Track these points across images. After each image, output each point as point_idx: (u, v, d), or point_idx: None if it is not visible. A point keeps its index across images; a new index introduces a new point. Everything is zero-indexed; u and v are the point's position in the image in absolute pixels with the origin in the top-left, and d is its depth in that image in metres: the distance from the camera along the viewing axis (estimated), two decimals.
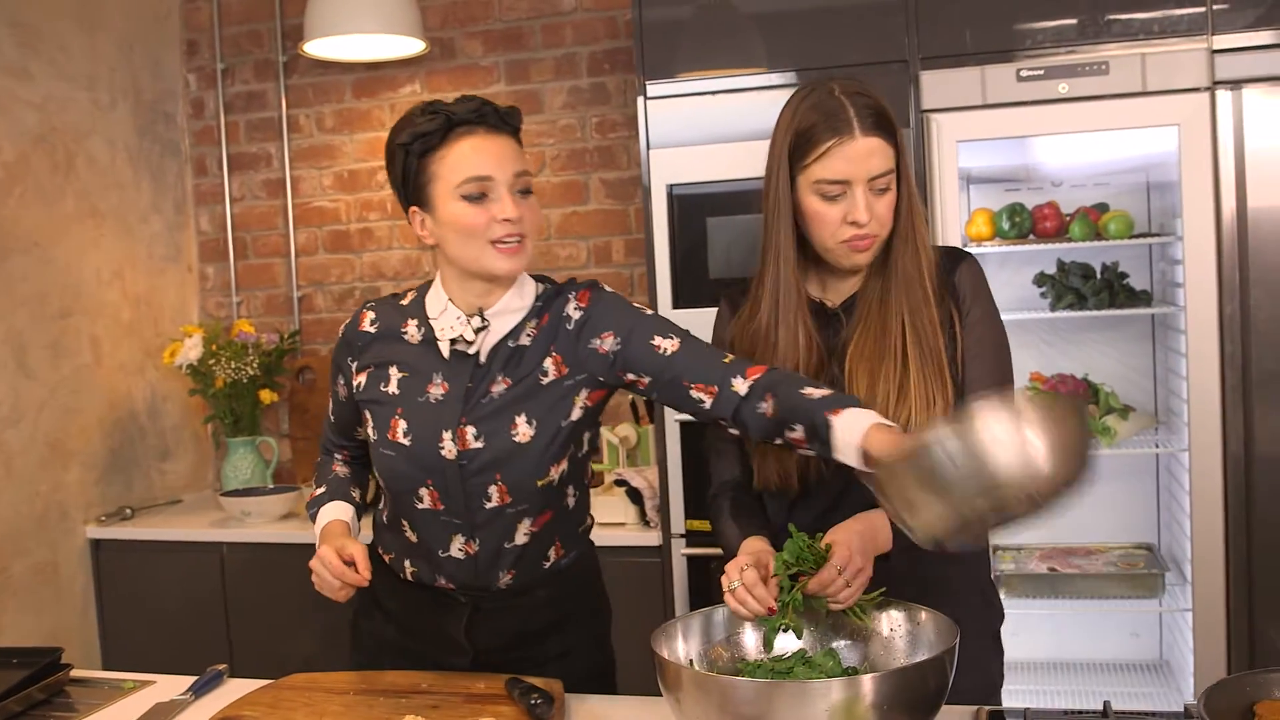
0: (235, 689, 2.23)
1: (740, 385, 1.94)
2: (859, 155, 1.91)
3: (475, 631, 2.17)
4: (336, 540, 2.07)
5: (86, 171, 4.16)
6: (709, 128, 3.33)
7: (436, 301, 2.11)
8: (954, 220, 3.18)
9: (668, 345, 2.03)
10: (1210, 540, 3.11)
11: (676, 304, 3.34)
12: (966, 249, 3.23)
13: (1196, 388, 3.10)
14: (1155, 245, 3.52)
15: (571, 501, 2.17)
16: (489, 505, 2.07)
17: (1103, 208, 3.46)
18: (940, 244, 3.12)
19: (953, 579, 2.02)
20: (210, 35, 4.64)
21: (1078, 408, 1.56)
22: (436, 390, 2.08)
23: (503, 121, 2.03)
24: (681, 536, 3.40)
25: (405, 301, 2.18)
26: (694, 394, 1.99)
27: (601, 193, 4.24)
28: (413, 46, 4.06)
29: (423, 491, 2.09)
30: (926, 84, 3.19)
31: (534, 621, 2.19)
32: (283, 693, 2.11)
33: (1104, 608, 3.42)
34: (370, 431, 2.14)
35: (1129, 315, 3.47)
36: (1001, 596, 3.32)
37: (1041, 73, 3.13)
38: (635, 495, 3.56)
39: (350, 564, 2.01)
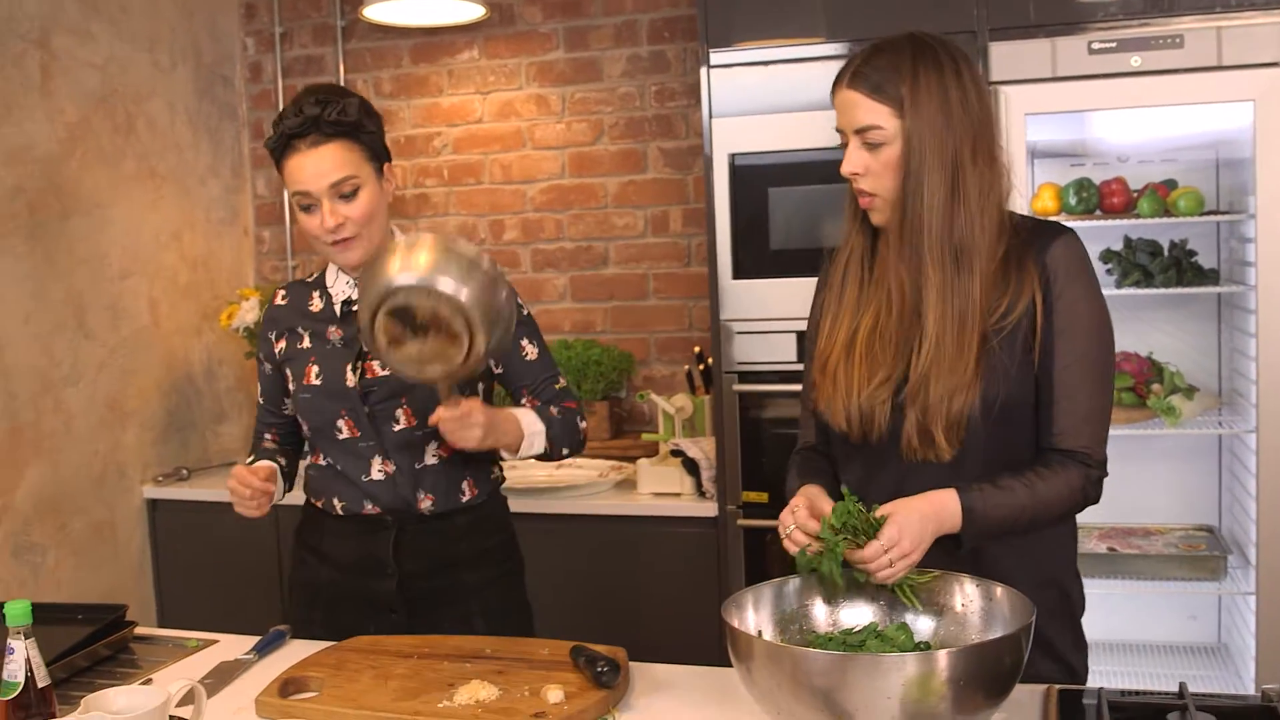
0: (297, 650, 2.24)
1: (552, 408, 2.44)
2: (842, 106, 1.94)
3: (401, 553, 2.40)
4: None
5: (146, 133, 4.18)
6: (772, 97, 3.30)
7: (332, 273, 2.46)
8: (1021, 194, 3.12)
9: (529, 350, 2.47)
10: (1276, 523, 3.06)
11: (737, 274, 3.31)
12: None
13: (1266, 368, 3.04)
14: (1224, 223, 3.46)
15: None
16: (397, 428, 2.38)
17: (1171, 184, 3.40)
18: (1032, 217, 3.08)
19: (1016, 570, 1.95)
20: None
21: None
22: (335, 336, 2.41)
23: (333, 127, 2.25)
24: (739, 508, 3.39)
25: (309, 280, 2.52)
26: (523, 400, 2.48)
27: (660, 162, 4.22)
28: (472, 12, 4.04)
29: (340, 423, 2.39)
30: (995, 55, 3.14)
31: (454, 550, 2.43)
32: (346, 654, 2.12)
33: (1163, 589, 3.37)
34: (290, 385, 2.45)
35: (1195, 294, 3.42)
36: None
37: (1114, 45, 3.07)
38: (691, 466, 3.55)
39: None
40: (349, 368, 2.37)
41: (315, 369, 2.40)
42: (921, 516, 1.80)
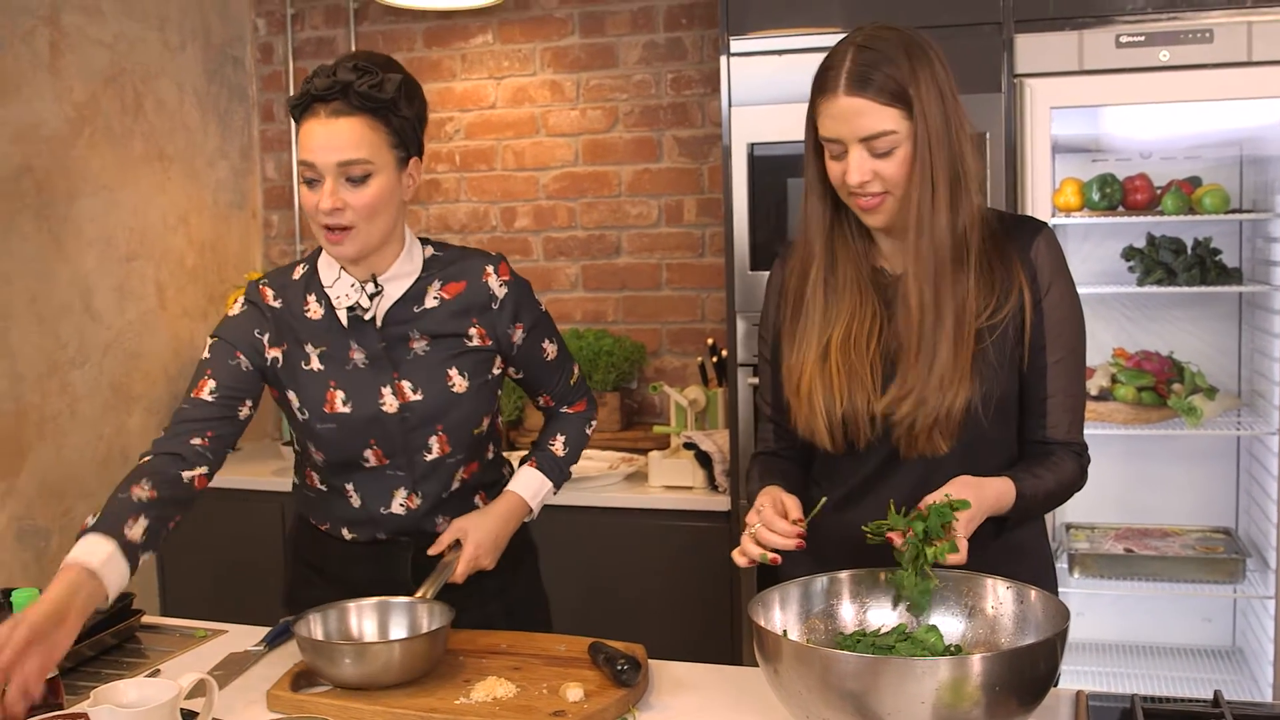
0: None
1: (558, 409, 2.37)
2: (844, 115, 1.82)
3: (419, 573, 2.18)
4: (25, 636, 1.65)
5: (155, 114, 4.13)
6: (792, 86, 3.24)
7: (329, 270, 2.14)
8: (1044, 189, 3.09)
9: (550, 350, 2.29)
10: None
11: (754, 266, 3.27)
12: (1054, 218, 3.18)
13: None
14: (1248, 222, 3.42)
15: (490, 454, 2.32)
16: (429, 457, 2.17)
17: (1195, 181, 3.36)
18: (1008, 212, 3.04)
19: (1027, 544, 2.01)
20: None
21: None
22: (359, 356, 2.13)
23: (360, 100, 1.99)
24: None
25: (297, 276, 2.18)
26: (540, 400, 2.36)
27: (675, 150, 4.17)
28: None
29: (367, 452, 2.15)
30: (1020, 47, 3.09)
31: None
32: None
33: (1179, 591, 3.33)
34: (298, 413, 2.15)
35: (1217, 293, 3.38)
36: (1075, 576, 3.29)
37: (1142, 39, 3.03)
38: (704, 459, 3.51)
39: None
40: (386, 390, 2.13)
41: (341, 395, 2.12)
42: (989, 507, 1.81)
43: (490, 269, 2.18)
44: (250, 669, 2.09)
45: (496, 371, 2.23)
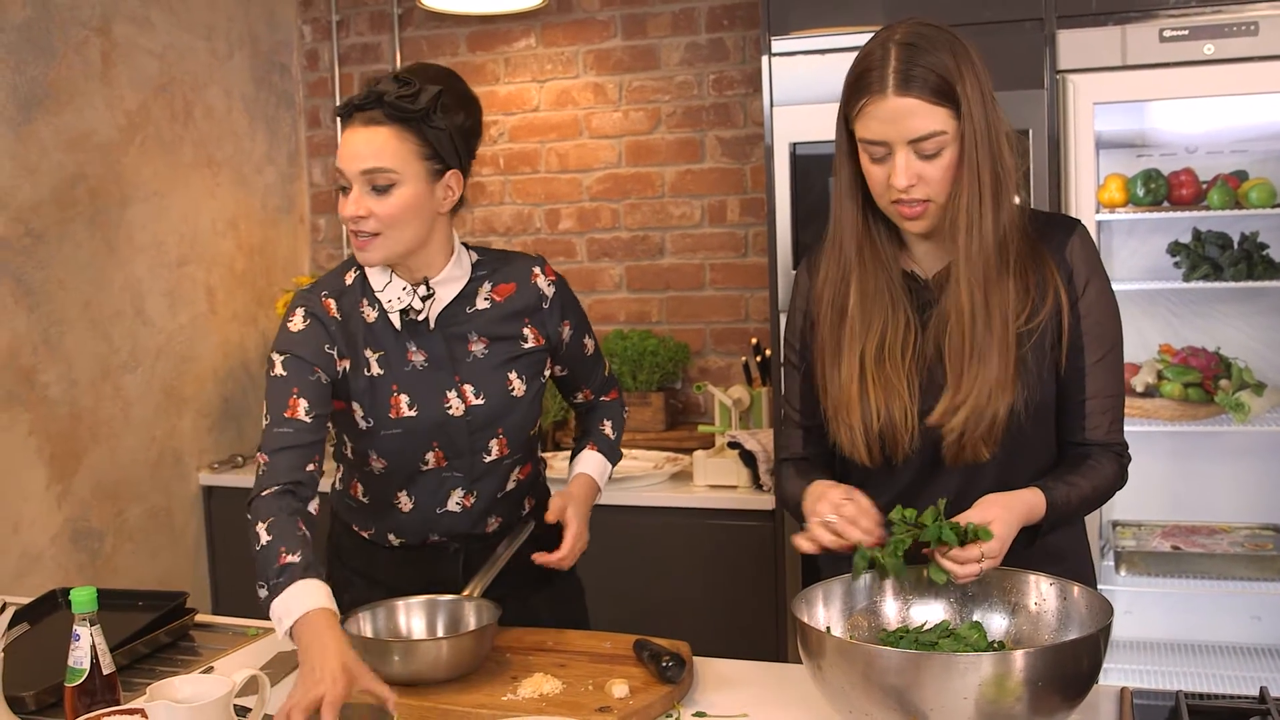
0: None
1: (597, 400, 2.44)
2: (892, 116, 1.77)
3: (470, 572, 2.22)
4: (342, 666, 1.72)
5: (204, 121, 4.19)
6: (834, 86, 3.18)
7: (380, 275, 2.14)
8: (1088, 185, 3.08)
9: (590, 345, 2.35)
10: None
11: (797, 265, 3.26)
12: (1098, 214, 3.16)
13: None
14: None
15: (537, 453, 2.38)
16: (488, 459, 2.19)
17: (1242, 175, 3.33)
18: (1041, 210, 3.03)
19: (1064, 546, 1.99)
20: None
21: None
22: (418, 358, 2.14)
23: (394, 109, 2.00)
24: None
25: (349, 281, 2.17)
26: (579, 396, 2.41)
27: (717, 151, 4.18)
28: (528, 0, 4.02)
29: (429, 455, 2.16)
30: (1063, 43, 3.08)
31: (517, 557, 2.26)
32: None
33: (1228, 589, 3.31)
34: (361, 422, 2.14)
35: (1264, 288, 3.34)
36: (1121, 573, 3.28)
37: (1186, 33, 3.01)
38: (748, 458, 3.52)
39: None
40: (451, 394, 2.14)
41: (405, 399, 2.12)
42: (1019, 522, 1.79)
43: (537, 270, 2.22)
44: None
45: (548, 373, 2.28)
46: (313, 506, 2.02)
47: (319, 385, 2.06)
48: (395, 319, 2.13)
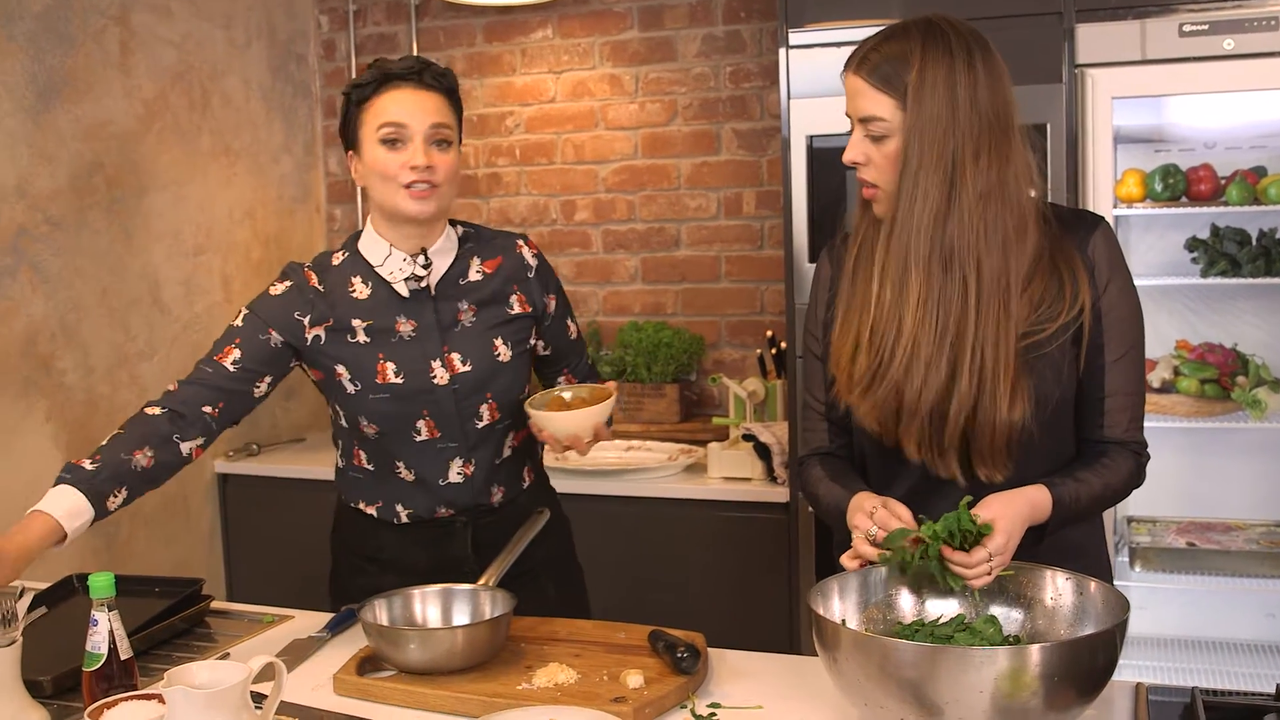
0: None
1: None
2: (849, 92, 1.88)
3: (480, 550, 2.29)
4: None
5: (221, 110, 4.20)
6: None
7: (376, 250, 2.24)
8: (1106, 180, 3.07)
9: (573, 329, 2.44)
10: None
11: (813, 258, 3.27)
12: (1115, 209, 3.15)
13: None
14: None
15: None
16: (480, 425, 2.27)
17: (1261, 171, 3.32)
18: (1064, 206, 3.02)
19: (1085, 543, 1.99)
20: None
21: None
22: (406, 328, 2.23)
23: (436, 80, 2.19)
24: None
25: (337, 261, 2.26)
26: (560, 380, 2.45)
27: (734, 143, 4.18)
28: None
29: (420, 424, 2.24)
30: (1082, 37, 3.07)
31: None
32: None
33: (1243, 586, 3.30)
34: (349, 385, 2.22)
35: None
36: (1136, 570, 3.27)
37: (1205, 27, 2.99)
38: (763, 450, 3.52)
39: None
40: (436, 363, 2.22)
41: (392, 367, 2.20)
42: (1023, 520, 1.79)
43: (521, 243, 2.36)
44: (315, 654, 2.13)
45: (532, 342, 2.36)
46: (185, 447, 2.12)
47: (264, 346, 2.18)
48: (402, 288, 2.22)
